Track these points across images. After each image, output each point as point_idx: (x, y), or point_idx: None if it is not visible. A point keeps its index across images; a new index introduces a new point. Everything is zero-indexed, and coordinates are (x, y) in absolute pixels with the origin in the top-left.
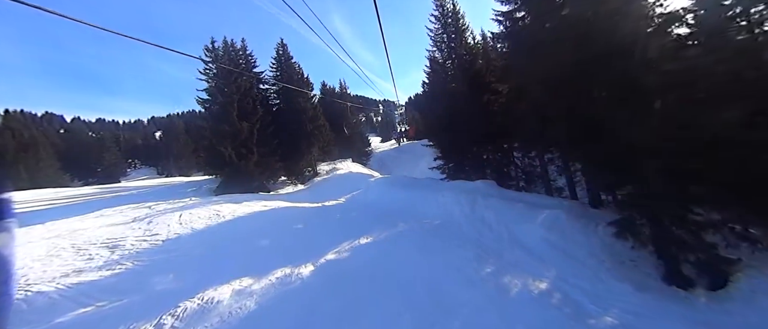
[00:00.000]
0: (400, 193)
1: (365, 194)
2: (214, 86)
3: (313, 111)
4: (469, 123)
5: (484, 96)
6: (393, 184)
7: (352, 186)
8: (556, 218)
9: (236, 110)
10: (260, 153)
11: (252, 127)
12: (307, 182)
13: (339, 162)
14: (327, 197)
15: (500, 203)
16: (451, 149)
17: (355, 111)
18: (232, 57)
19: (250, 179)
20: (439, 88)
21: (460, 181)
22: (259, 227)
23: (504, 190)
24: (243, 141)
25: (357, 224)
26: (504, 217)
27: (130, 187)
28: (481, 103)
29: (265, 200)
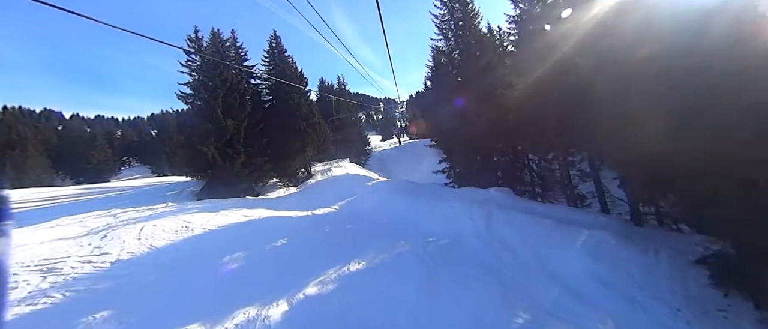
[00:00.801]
0: (401, 201)
1: (362, 201)
2: (197, 79)
3: (308, 108)
4: (478, 121)
5: (496, 90)
6: (393, 190)
7: (348, 190)
8: (600, 242)
9: (221, 106)
10: (248, 153)
11: (239, 125)
12: (301, 184)
13: (335, 163)
14: (319, 203)
15: (522, 218)
16: (457, 150)
17: (353, 108)
18: (219, 50)
19: (236, 182)
20: (445, 82)
21: (470, 188)
22: (233, 243)
23: (523, 200)
24: (228, 140)
25: (349, 240)
26: (530, 237)
27: (113, 188)
28: (493, 98)
29: (248, 208)
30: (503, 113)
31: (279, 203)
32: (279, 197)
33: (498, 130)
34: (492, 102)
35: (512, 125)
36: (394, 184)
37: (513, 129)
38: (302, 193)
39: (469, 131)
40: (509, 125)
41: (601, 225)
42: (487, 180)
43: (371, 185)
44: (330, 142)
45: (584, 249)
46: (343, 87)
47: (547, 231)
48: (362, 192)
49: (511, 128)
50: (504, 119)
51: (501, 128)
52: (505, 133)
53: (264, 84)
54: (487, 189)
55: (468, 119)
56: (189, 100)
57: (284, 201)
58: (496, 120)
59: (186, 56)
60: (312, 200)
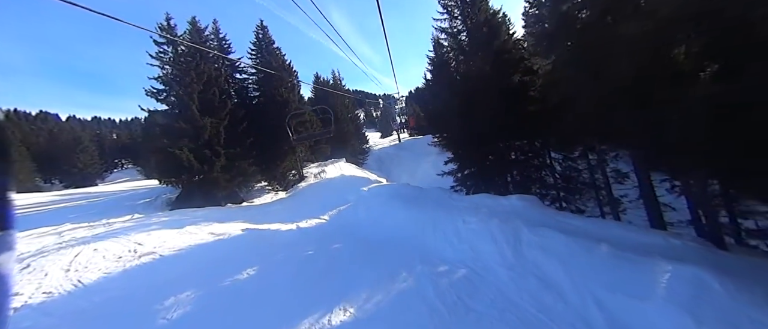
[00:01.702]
0: (402, 212)
1: (355, 211)
2: (169, 73)
3: (299, 104)
4: (491, 113)
5: (513, 77)
6: (392, 197)
7: (341, 197)
8: (696, 285)
9: (197, 103)
10: (229, 155)
11: (218, 123)
12: (291, 188)
13: (330, 163)
14: (307, 212)
15: (563, 242)
16: (465, 149)
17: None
18: (197, 42)
19: (215, 188)
20: (449, 70)
21: (484, 195)
22: (184, 278)
23: (554, 212)
24: (207, 141)
25: (335, 270)
26: (581, 273)
27: (93, 193)
28: (510, 86)
29: (221, 222)
30: (522, 103)
31: (262, 212)
32: (265, 205)
33: (516, 123)
34: (508, 91)
35: (533, 117)
36: (393, 189)
37: (534, 122)
38: (291, 199)
39: (480, 126)
40: (530, 117)
41: (680, 253)
42: (502, 183)
43: (367, 190)
44: (324, 140)
45: (676, 300)
46: (338, 81)
47: (605, 265)
48: (357, 199)
49: (532, 120)
50: (523, 110)
51: (519, 122)
52: (524, 127)
53: (250, 79)
54: (507, 197)
55: (478, 112)
56: (161, 96)
57: (269, 210)
58: (514, 112)
59: (156, 47)
60: (300, 207)
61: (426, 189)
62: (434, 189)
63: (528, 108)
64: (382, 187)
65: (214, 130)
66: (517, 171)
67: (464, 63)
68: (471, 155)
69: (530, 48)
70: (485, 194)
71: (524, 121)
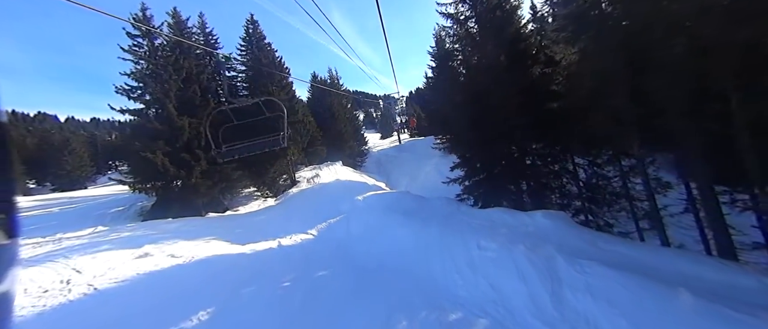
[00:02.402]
0: (401, 229)
1: (347, 224)
2: (145, 68)
3: (289, 103)
4: (505, 111)
5: (531, 69)
6: (390, 209)
7: (334, 205)
8: None
9: (175, 102)
10: (211, 160)
11: (199, 124)
12: (281, 194)
13: (325, 167)
14: (294, 225)
15: (619, 283)
16: (476, 152)
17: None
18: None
19: (194, 195)
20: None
21: (501, 210)
22: (113, 325)
23: (594, 236)
24: (185, 144)
25: (315, 310)
26: None
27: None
28: (526, 79)
29: (189, 240)
30: (541, 99)
31: (244, 224)
32: (250, 214)
33: (533, 123)
34: (525, 85)
35: (555, 115)
36: (392, 198)
37: (555, 121)
38: (280, 206)
39: (492, 126)
40: (550, 115)
41: None
42: (516, 192)
43: (362, 200)
44: (319, 142)
45: None
46: (335, 80)
47: (695, 326)
48: (350, 210)
49: (553, 119)
50: (542, 107)
51: (538, 121)
52: (543, 127)
53: (239, 76)
54: (530, 214)
55: (489, 109)
56: (134, 94)
57: (252, 221)
58: (532, 109)
59: (130, 40)
60: (288, 218)
61: (429, 199)
62: (438, 199)
63: (548, 105)
64: (380, 196)
65: (194, 131)
66: (533, 178)
67: (474, 53)
68: (480, 160)
69: (552, 34)
70: (500, 208)
71: (544, 120)
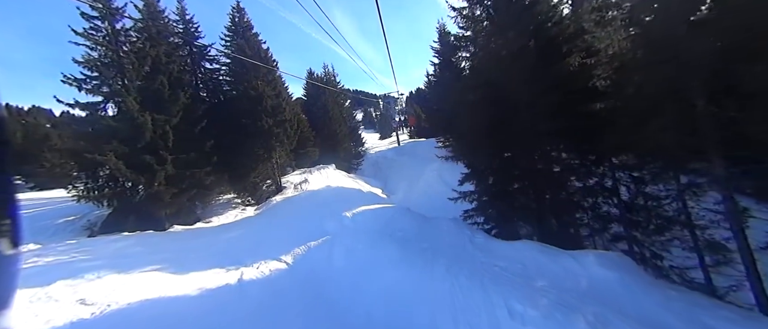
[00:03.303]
0: (396, 271)
1: (330, 251)
2: (103, 55)
3: (276, 99)
4: (531, 114)
5: (566, 60)
6: (383, 234)
7: (318, 222)
8: None
9: (136, 95)
10: (180, 162)
11: (166, 122)
12: (264, 202)
13: (316, 171)
14: (265, 248)
15: None
16: (491, 163)
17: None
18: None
19: (156, 204)
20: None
21: (532, 246)
22: None
23: (686, 297)
24: (148, 144)
25: None
26: None
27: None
28: (560, 74)
29: (121, 272)
30: (580, 98)
31: (208, 243)
32: (222, 226)
33: (569, 129)
34: (558, 81)
35: (599, 119)
36: (387, 216)
37: (599, 127)
38: (258, 218)
39: (515, 132)
40: (592, 119)
41: None
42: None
43: (351, 217)
44: (312, 143)
45: None
46: (331, 77)
47: None
48: (337, 230)
49: (596, 124)
50: (582, 109)
51: (575, 126)
52: (582, 134)
53: (223, 69)
54: (577, 256)
55: (512, 112)
56: (87, 85)
57: (220, 238)
58: (567, 111)
59: (86, 22)
60: (262, 236)
61: (432, 220)
62: (444, 221)
63: (588, 106)
64: (373, 213)
65: (160, 130)
66: (561, 197)
67: (491, 41)
68: (496, 173)
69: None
70: (531, 243)
71: (581, 125)
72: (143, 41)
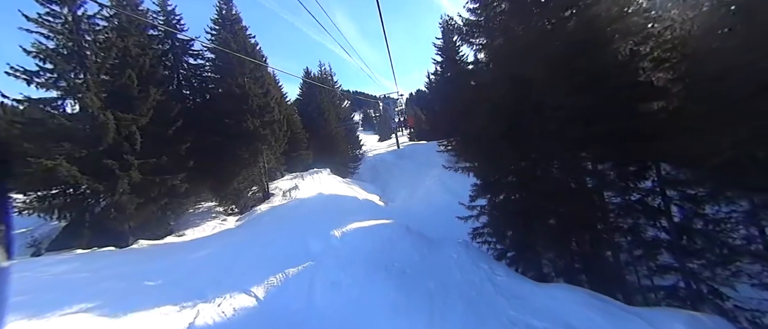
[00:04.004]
0: (394, 321)
1: (310, 281)
2: (61, 46)
3: (263, 98)
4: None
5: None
6: (378, 264)
7: (301, 240)
8: None
9: (97, 90)
10: (148, 168)
11: (132, 122)
12: (248, 210)
13: (308, 176)
14: (235, 275)
15: None
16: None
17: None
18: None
19: (119, 216)
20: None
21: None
22: None
23: None
24: (110, 147)
25: None
26: None
27: None
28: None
29: (32, 317)
30: (631, 96)
31: (170, 267)
32: (194, 242)
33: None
34: (596, 74)
35: (651, 123)
36: (382, 238)
37: (651, 133)
38: (237, 233)
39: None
40: (641, 124)
41: None
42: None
43: (340, 237)
44: (305, 146)
45: None
46: (328, 76)
47: None
48: (322, 254)
49: (647, 129)
50: (634, 110)
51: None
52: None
53: (207, 65)
54: (657, 319)
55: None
56: (40, 78)
57: (185, 260)
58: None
59: (43, 6)
60: (236, 256)
61: (438, 244)
62: (452, 246)
63: (642, 106)
64: (366, 233)
65: (125, 131)
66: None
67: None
68: (514, 187)
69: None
70: (579, 291)
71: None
72: (110, 31)
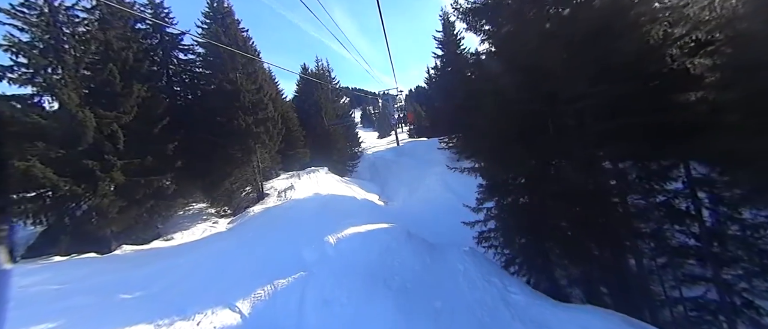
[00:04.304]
0: None
1: (302, 296)
2: (37, 39)
3: (256, 94)
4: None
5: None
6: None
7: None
8: None
9: (76, 86)
10: (132, 169)
11: (114, 120)
12: (242, 211)
13: (305, 174)
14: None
15: None
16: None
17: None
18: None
19: (100, 220)
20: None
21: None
22: None
23: None
24: (90, 147)
25: None
26: None
27: None
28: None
29: None
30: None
31: (151, 276)
32: (180, 248)
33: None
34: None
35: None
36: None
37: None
38: (228, 236)
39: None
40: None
41: None
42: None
43: (335, 245)
44: (302, 144)
45: None
46: (325, 72)
47: None
48: (314, 265)
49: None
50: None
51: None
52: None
53: (198, 60)
54: None
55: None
56: (13, 73)
57: (168, 267)
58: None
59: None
60: (224, 262)
61: (442, 251)
62: (458, 254)
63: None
64: (364, 239)
65: (106, 130)
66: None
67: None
68: (526, 189)
69: None
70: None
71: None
72: (91, 23)
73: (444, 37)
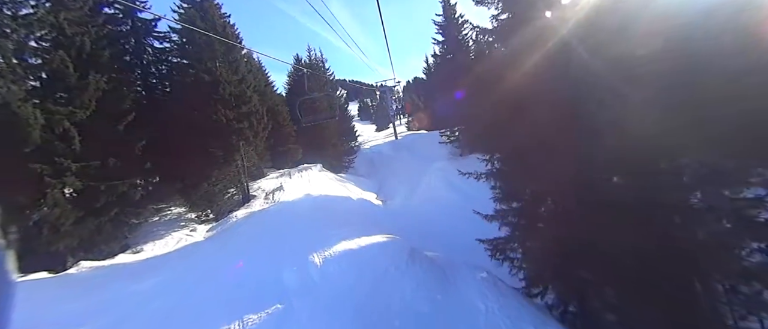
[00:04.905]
0: None
1: None
2: None
3: (238, 86)
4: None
5: None
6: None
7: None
8: None
9: (17, 76)
10: (91, 172)
11: (69, 115)
12: (224, 216)
13: (296, 173)
14: (183, 322)
15: None
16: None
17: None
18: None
19: (51, 235)
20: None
21: None
22: None
23: None
24: (38, 150)
25: None
26: None
27: None
28: None
29: None
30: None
31: (91, 305)
32: (146, 263)
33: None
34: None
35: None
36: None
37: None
38: (204, 248)
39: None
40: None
41: None
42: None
43: (321, 267)
44: (293, 141)
45: None
46: (317, 62)
47: None
48: (294, 294)
49: None
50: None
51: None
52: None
53: (175, 48)
54: None
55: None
56: None
57: (121, 292)
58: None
59: None
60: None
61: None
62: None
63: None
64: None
65: (59, 127)
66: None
67: None
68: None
69: None
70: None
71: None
72: (39, 3)
73: (444, 20)
